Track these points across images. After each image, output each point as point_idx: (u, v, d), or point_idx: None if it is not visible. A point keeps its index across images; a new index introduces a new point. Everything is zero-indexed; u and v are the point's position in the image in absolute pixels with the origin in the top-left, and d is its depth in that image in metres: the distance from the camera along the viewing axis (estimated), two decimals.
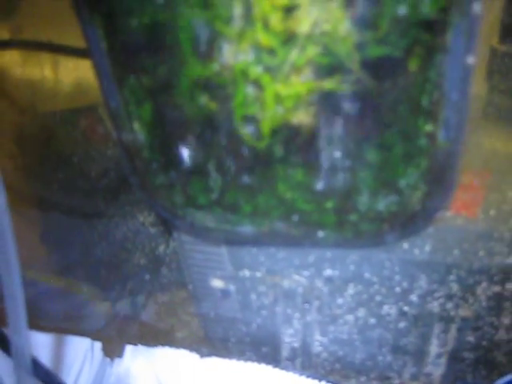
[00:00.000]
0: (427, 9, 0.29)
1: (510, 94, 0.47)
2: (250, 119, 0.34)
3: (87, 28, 0.34)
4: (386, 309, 0.43)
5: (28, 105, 0.55)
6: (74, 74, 0.56)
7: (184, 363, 0.47)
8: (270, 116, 0.34)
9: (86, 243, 0.54)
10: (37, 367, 0.37)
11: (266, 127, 0.34)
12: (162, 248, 0.51)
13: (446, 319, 0.42)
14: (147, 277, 0.52)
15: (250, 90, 0.33)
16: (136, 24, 0.32)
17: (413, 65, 0.31)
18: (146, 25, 0.32)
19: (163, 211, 0.42)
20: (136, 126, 0.37)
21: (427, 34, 0.30)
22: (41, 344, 0.48)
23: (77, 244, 0.54)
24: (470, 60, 0.30)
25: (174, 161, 0.38)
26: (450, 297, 0.41)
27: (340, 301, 0.43)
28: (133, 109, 0.36)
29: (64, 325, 0.52)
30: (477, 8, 0.29)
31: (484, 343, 0.43)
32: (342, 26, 0.29)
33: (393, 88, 0.32)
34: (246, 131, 0.35)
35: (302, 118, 0.34)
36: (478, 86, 0.47)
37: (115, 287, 0.53)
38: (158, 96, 0.35)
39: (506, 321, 0.41)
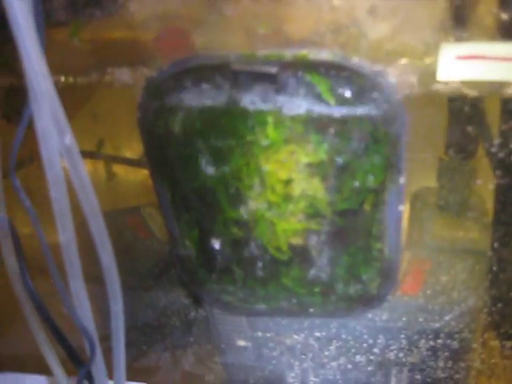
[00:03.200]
0: (372, 183, 0.48)
1: (454, 191, 0.65)
2: (267, 241, 0.53)
3: (158, 185, 0.53)
4: (358, 358, 0.61)
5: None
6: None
7: None
8: (281, 240, 0.52)
9: (134, 311, 0.71)
10: None
11: (283, 246, 0.53)
12: (193, 314, 0.69)
13: (400, 364, 0.61)
14: (183, 335, 0.70)
15: (266, 225, 0.52)
16: (190, 186, 0.51)
17: (365, 212, 0.50)
18: (197, 187, 0.51)
19: (202, 294, 0.60)
20: (187, 243, 0.56)
21: (373, 195, 0.49)
22: None
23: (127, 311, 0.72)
24: (401, 208, 0.50)
25: (212, 264, 0.56)
26: (401, 349, 0.60)
27: (326, 353, 0.62)
28: (186, 233, 0.55)
29: None
30: (402, 180, 0.48)
31: (428, 380, 0.61)
32: (320, 192, 0.49)
33: (354, 224, 0.51)
34: (272, 249, 0.53)
35: (299, 240, 0.52)
36: (431, 184, 0.65)
37: (159, 344, 0.71)
38: (202, 226, 0.54)
39: (440, 364, 0.59)
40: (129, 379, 0.67)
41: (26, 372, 0.69)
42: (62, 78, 0.48)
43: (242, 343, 0.62)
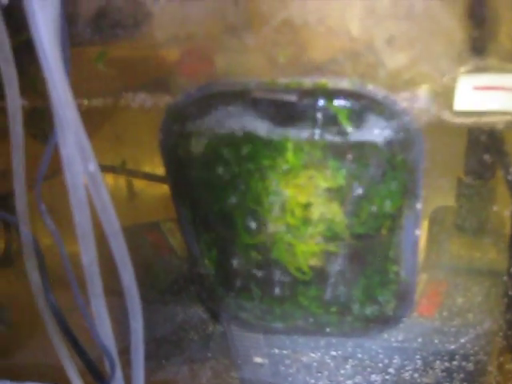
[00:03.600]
0: (389, 208, 0.48)
1: (472, 213, 0.65)
2: (280, 262, 0.54)
3: (178, 205, 0.54)
4: (373, 377, 0.62)
5: None
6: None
7: None
8: (301, 261, 0.53)
9: (153, 325, 0.73)
10: None
11: (304, 267, 0.54)
12: (211, 329, 0.70)
13: None
14: (201, 350, 0.71)
15: (284, 247, 0.53)
16: (210, 208, 0.52)
17: (382, 236, 0.50)
18: (217, 210, 0.52)
19: (220, 311, 0.61)
20: (206, 262, 0.57)
21: (390, 220, 0.49)
22: None
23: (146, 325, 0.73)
24: (417, 232, 0.50)
25: (230, 283, 0.57)
26: (416, 369, 0.60)
27: (342, 371, 0.62)
28: (205, 252, 0.56)
29: None
30: (419, 206, 0.49)
31: None
32: (338, 216, 0.49)
33: (371, 247, 0.51)
34: (285, 269, 0.54)
35: (317, 261, 0.53)
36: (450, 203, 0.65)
37: (177, 358, 0.72)
38: (221, 247, 0.55)
39: None
40: None
41: (46, 382, 0.70)
42: (86, 101, 0.49)
43: (258, 360, 0.63)
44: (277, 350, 0.63)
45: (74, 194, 0.39)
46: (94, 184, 0.39)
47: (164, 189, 0.58)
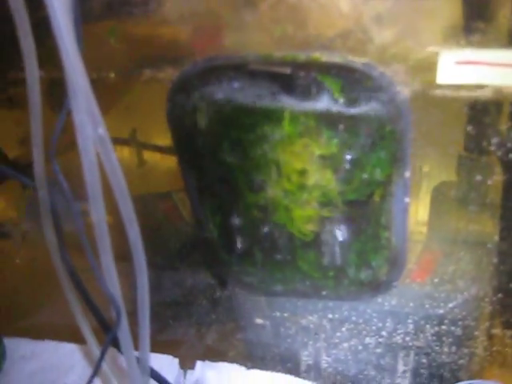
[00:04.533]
0: (379, 175, 0.52)
1: (471, 186, 0.67)
2: (281, 226, 0.58)
3: (185, 173, 0.58)
4: (367, 340, 0.66)
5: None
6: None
7: (235, 374, 0.69)
8: (299, 224, 0.57)
9: (163, 289, 0.77)
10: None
11: (303, 229, 0.57)
12: (216, 293, 0.74)
13: (407, 347, 0.65)
14: (207, 312, 0.75)
15: (283, 211, 0.56)
16: (214, 174, 0.56)
17: (374, 202, 0.54)
18: (221, 175, 0.56)
19: (224, 275, 0.65)
20: (211, 227, 0.61)
21: (381, 187, 0.53)
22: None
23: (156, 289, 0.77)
24: (406, 200, 0.53)
25: (233, 247, 0.61)
26: (407, 333, 0.63)
27: (338, 334, 0.66)
28: (210, 217, 0.60)
29: None
30: (407, 174, 0.52)
31: (433, 364, 0.65)
32: (331, 182, 0.53)
33: (364, 213, 0.55)
34: (284, 232, 0.58)
35: (313, 227, 0.57)
36: (452, 178, 0.68)
37: (184, 320, 0.76)
38: (225, 211, 0.59)
39: (444, 349, 0.63)
40: (155, 351, 0.72)
41: (62, 340, 0.75)
42: (97, 74, 0.53)
43: (260, 321, 0.67)
44: (277, 313, 0.67)
45: (86, 157, 0.43)
46: (104, 147, 0.43)
47: (175, 161, 0.62)
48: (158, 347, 0.71)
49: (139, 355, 0.57)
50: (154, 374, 0.59)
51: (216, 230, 0.60)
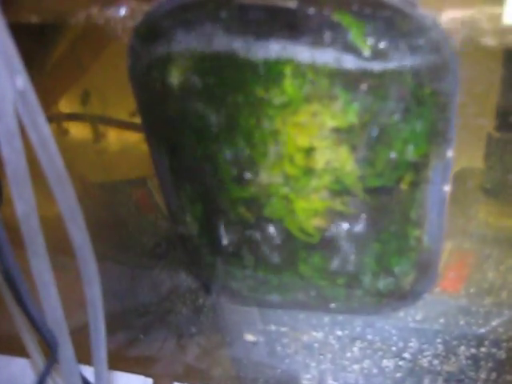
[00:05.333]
0: (412, 155, 0.39)
1: (504, 172, 0.55)
2: (274, 223, 0.45)
3: (154, 150, 0.45)
4: (384, 362, 0.53)
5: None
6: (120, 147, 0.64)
7: None
8: (297, 219, 0.44)
9: (134, 293, 0.64)
10: None
11: (308, 227, 0.44)
12: (201, 300, 0.61)
13: (434, 372, 0.52)
14: (187, 323, 0.62)
15: (279, 203, 0.43)
16: (191, 153, 0.43)
17: (402, 191, 0.41)
18: (200, 154, 0.43)
19: (208, 281, 0.52)
20: (188, 219, 0.47)
21: (413, 171, 0.40)
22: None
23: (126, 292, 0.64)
24: (446, 188, 0.40)
25: (218, 245, 0.48)
26: (436, 355, 0.51)
27: (348, 354, 0.53)
28: (187, 208, 0.46)
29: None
30: (450, 154, 0.39)
31: None
32: (348, 164, 0.40)
33: (389, 205, 0.42)
34: (272, 232, 0.45)
35: (321, 222, 0.44)
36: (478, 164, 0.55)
37: (160, 332, 0.63)
38: (206, 200, 0.46)
39: (482, 376, 0.50)
40: (125, 369, 0.59)
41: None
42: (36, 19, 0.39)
43: (250, 337, 0.54)
44: (273, 327, 0.54)
45: (0, 121, 0.29)
46: (26, 106, 0.29)
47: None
48: (128, 365, 0.58)
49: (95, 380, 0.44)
50: None
51: (195, 225, 0.47)
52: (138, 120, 0.44)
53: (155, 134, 0.43)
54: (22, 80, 0.29)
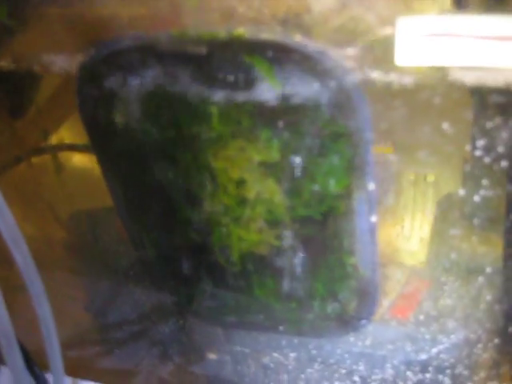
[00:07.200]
0: (334, 187, 0.41)
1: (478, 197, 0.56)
2: (224, 249, 0.47)
3: (109, 181, 0.48)
4: None
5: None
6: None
7: None
8: (237, 248, 0.46)
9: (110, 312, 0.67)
10: None
11: (235, 256, 0.47)
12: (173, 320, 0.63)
13: None
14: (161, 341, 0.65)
15: (223, 231, 0.46)
16: (141, 182, 0.46)
17: (332, 221, 0.43)
18: (149, 184, 0.46)
19: (174, 303, 0.55)
20: (147, 245, 0.50)
21: (338, 202, 0.41)
22: None
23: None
24: (373, 219, 0.42)
25: (176, 271, 0.51)
26: (385, 380, 0.52)
27: (302, 376, 0.55)
28: (144, 235, 0.50)
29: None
30: (371, 187, 0.41)
31: None
32: (276, 195, 0.42)
33: (322, 234, 0.44)
34: (222, 258, 0.47)
35: (262, 249, 0.46)
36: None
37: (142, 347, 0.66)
38: (160, 227, 0.49)
39: None
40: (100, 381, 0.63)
41: None
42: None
43: (213, 356, 0.57)
44: (236, 347, 0.56)
45: None
46: None
47: None
48: (105, 377, 0.61)
49: None
50: None
51: (153, 250, 0.50)
52: None
53: (106, 165, 0.46)
54: None
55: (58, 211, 0.66)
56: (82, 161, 0.59)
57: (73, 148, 0.54)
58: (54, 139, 0.55)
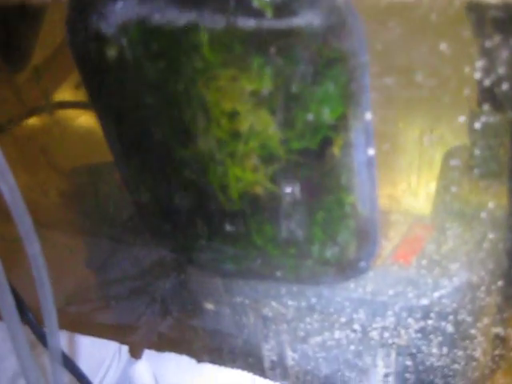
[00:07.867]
0: (329, 116, 0.39)
1: (487, 149, 0.54)
2: (222, 188, 0.46)
3: (102, 120, 0.47)
4: (338, 334, 0.53)
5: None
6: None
7: (184, 367, 0.58)
8: (234, 187, 0.45)
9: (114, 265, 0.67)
10: (66, 360, 0.49)
11: (234, 194, 0.45)
12: (173, 272, 0.63)
13: (387, 346, 0.51)
14: (161, 293, 0.64)
15: (219, 169, 0.44)
16: (133, 119, 0.45)
17: (327, 154, 0.41)
18: (141, 120, 0.44)
19: (173, 252, 0.54)
20: (141, 188, 0.49)
21: (334, 133, 0.40)
22: (78, 343, 0.61)
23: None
24: (371, 151, 0.40)
25: (171, 216, 0.50)
26: (386, 328, 0.50)
27: (302, 325, 0.54)
28: (138, 177, 0.48)
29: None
30: (368, 116, 0.39)
31: (421, 368, 0.51)
32: (270, 126, 0.40)
33: (318, 170, 0.42)
34: (222, 197, 0.46)
35: (259, 190, 0.45)
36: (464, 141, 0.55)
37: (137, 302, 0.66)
38: (154, 168, 0.47)
39: (433, 349, 0.49)
40: (101, 336, 0.62)
41: None
42: None
43: (211, 307, 0.56)
44: (235, 298, 0.55)
45: None
46: None
47: None
48: (99, 330, 0.61)
49: (49, 343, 0.46)
50: (68, 363, 0.48)
51: (147, 194, 0.49)
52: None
53: (99, 104, 0.45)
54: None
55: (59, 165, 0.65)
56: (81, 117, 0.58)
57: (73, 105, 0.53)
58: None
